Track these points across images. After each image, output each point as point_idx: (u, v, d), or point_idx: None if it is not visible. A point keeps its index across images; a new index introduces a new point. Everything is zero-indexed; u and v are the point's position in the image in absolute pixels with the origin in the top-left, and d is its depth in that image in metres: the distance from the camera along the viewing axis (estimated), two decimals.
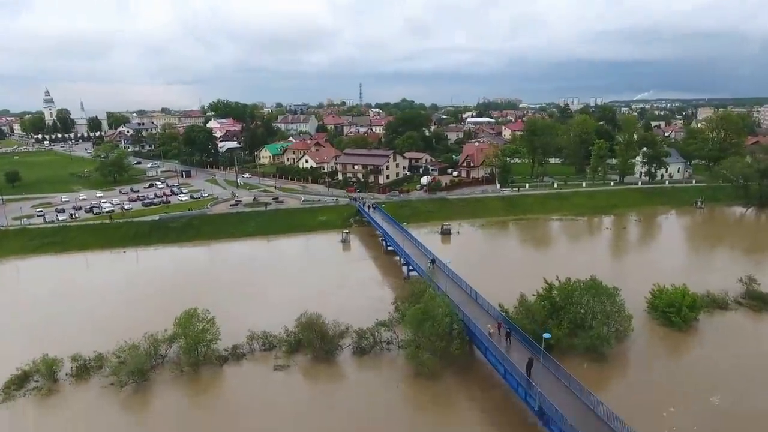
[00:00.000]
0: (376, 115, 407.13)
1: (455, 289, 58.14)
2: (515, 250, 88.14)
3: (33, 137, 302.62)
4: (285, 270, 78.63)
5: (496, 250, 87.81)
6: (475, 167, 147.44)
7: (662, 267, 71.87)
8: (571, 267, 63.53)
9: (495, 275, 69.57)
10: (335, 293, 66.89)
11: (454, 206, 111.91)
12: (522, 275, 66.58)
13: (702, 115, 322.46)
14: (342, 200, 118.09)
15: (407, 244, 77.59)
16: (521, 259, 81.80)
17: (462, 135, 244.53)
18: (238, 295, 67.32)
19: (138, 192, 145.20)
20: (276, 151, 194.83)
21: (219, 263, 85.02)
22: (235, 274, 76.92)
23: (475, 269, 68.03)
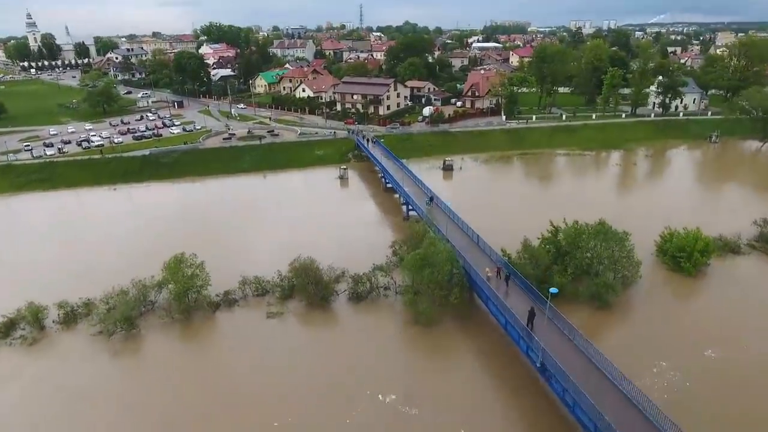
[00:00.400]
0: (378, 39, 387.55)
1: (456, 232, 55.50)
2: (519, 188, 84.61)
3: (19, 65, 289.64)
4: (279, 209, 75.66)
5: (500, 188, 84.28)
6: (480, 97, 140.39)
7: (672, 207, 68.86)
8: (577, 206, 60.87)
9: (498, 216, 66.56)
10: (331, 234, 64.36)
11: (457, 140, 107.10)
12: (526, 216, 63.84)
13: (721, 40, 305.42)
14: (340, 133, 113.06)
15: (407, 182, 74.11)
16: (525, 197, 78.37)
17: (467, 61, 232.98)
18: (232, 237, 65.02)
19: (129, 124, 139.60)
20: (272, 79, 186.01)
21: (212, 201, 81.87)
22: (228, 214, 74.20)
23: (477, 209, 65.04)
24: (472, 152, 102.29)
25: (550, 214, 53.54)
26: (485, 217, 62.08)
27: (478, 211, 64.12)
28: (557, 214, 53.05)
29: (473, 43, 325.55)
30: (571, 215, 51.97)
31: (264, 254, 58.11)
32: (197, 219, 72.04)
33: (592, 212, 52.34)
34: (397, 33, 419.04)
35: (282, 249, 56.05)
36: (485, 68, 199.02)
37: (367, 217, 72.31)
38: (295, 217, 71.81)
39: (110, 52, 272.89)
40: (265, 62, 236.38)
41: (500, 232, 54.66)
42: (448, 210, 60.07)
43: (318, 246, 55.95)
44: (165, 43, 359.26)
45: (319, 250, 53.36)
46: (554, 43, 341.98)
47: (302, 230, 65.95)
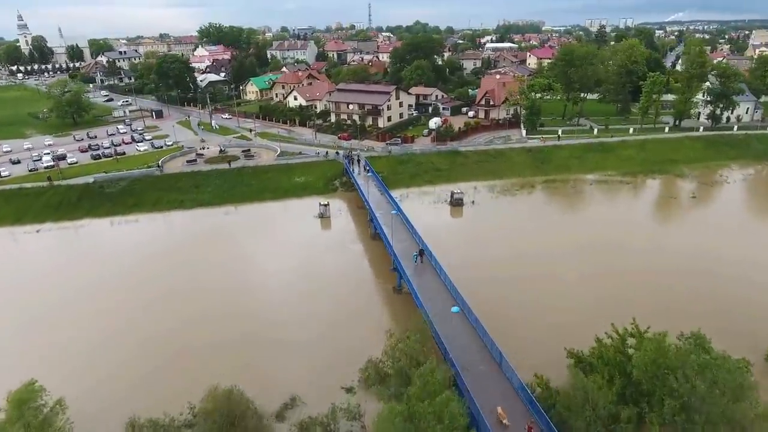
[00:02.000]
0: (386, 40, 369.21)
1: (461, 326, 37.27)
2: (548, 234, 64.13)
3: (7, 69, 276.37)
4: (227, 270, 57.02)
5: (522, 233, 64.03)
6: (495, 106, 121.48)
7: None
8: (633, 266, 42.10)
9: (521, 288, 48.27)
10: (287, 317, 46.52)
11: (468, 162, 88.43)
12: (562, 288, 45.52)
13: (757, 39, 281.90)
14: (330, 151, 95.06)
15: (401, 231, 55.90)
16: (558, 250, 58.28)
17: (480, 63, 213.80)
18: (144, 323, 47.14)
19: (95, 138, 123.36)
20: (264, 85, 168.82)
21: (144, 255, 62.49)
22: (158, 274, 56.42)
23: (491, 270, 47.10)
24: (487, 178, 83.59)
25: (598, 286, 35.18)
26: (502, 287, 43.80)
27: (492, 273, 45.80)
28: (608, 287, 34.74)
29: (486, 43, 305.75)
30: (627, 285, 33.62)
31: (182, 358, 40.22)
32: (111, 288, 53.94)
33: (660, 283, 33.61)
34: (406, 33, 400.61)
35: (209, 349, 38.18)
36: (500, 71, 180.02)
37: (345, 282, 53.82)
38: (243, 283, 53.96)
39: (101, 55, 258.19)
40: (262, 65, 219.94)
41: (524, 322, 36.32)
42: (444, 278, 42.08)
43: (262, 343, 38.02)
44: (163, 45, 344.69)
45: (261, 350, 35.55)
46: (572, 42, 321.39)
47: (247, 309, 48.01)
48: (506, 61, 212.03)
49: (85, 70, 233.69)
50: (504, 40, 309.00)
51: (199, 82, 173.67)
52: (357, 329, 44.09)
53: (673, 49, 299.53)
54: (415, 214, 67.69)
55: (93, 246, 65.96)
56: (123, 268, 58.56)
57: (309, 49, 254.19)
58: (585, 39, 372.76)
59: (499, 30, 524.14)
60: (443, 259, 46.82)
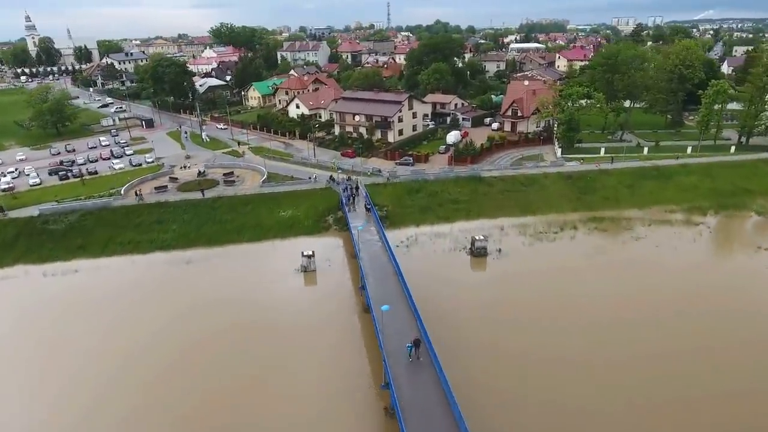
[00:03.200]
0: (404, 40, 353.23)
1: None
2: (609, 307, 46.63)
3: (14, 70, 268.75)
4: (159, 358, 42.35)
5: (571, 308, 46.54)
6: (524, 118, 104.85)
7: None
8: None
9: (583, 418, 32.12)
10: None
11: (493, 192, 72.24)
12: None
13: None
14: (331, 174, 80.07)
15: (399, 304, 40.44)
16: (624, 353, 41.12)
17: (504, 66, 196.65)
18: None
19: (74, 152, 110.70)
20: (266, 90, 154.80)
21: (71, 317, 48.94)
22: (67, 354, 42.06)
23: (529, 384, 31.67)
24: (517, 214, 67.32)
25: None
26: (546, 405, 28.10)
27: (527, 375, 30.59)
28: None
29: (510, 43, 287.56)
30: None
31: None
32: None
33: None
34: (425, 33, 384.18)
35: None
36: (527, 74, 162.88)
37: (316, 395, 37.88)
38: (179, 384, 39.00)
39: (105, 57, 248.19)
40: (270, 68, 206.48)
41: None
42: (449, 393, 27.06)
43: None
44: (173, 46, 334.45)
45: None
46: (602, 41, 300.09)
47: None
48: (533, 63, 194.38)
49: (87, 73, 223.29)
50: (529, 39, 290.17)
51: (199, 86, 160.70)
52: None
53: (711, 48, 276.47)
54: (424, 269, 52.36)
55: (7, 308, 51.65)
56: (30, 344, 44.41)
57: (321, 50, 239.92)
58: (615, 39, 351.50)
59: (522, 29, 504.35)
60: (456, 348, 31.63)
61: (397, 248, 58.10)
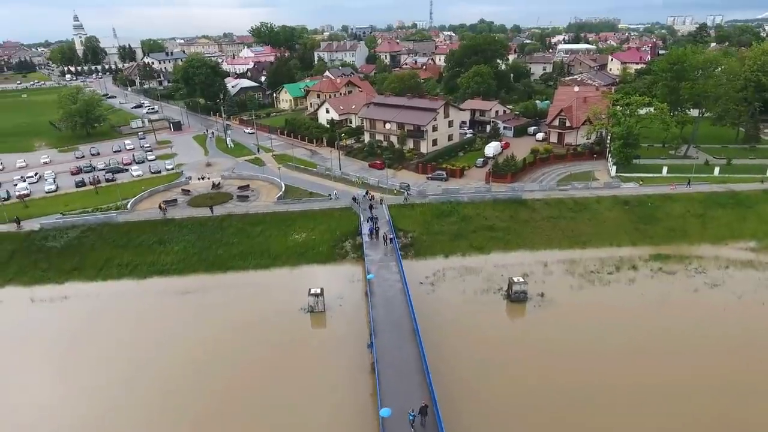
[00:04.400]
0: (446, 39, 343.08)
1: None
2: (675, 390, 36.24)
3: (61, 69, 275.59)
4: (134, 404, 36.11)
5: (628, 390, 36.41)
6: (573, 129, 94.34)
7: None
8: None
9: None
10: None
11: (536, 218, 62.84)
12: None
13: None
14: (347, 189, 72.81)
15: (410, 366, 32.54)
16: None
17: (551, 68, 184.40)
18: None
19: (98, 156, 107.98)
20: (298, 92, 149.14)
21: (45, 351, 43.87)
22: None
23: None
24: (563, 246, 57.85)
25: None
26: None
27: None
28: None
29: (558, 44, 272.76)
30: None
31: None
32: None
33: None
34: (468, 32, 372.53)
35: None
36: (576, 78, 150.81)
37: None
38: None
39: (145, 57, 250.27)
40: (305, 68, 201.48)
41: None
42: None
43: None
44: (214, 46, 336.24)
45: None
46: (657, 42, 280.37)
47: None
48: (582, 65, 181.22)
49: (127, 73, 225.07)
50: (579, 40, 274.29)
51: (231, 87, 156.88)
52: None
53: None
54: (449, 317, 44.08)
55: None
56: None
57: (359, 50, 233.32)
58: (671, 39, 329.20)
59: (570, 28, 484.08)
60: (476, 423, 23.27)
61: (421, 286, 50.18)
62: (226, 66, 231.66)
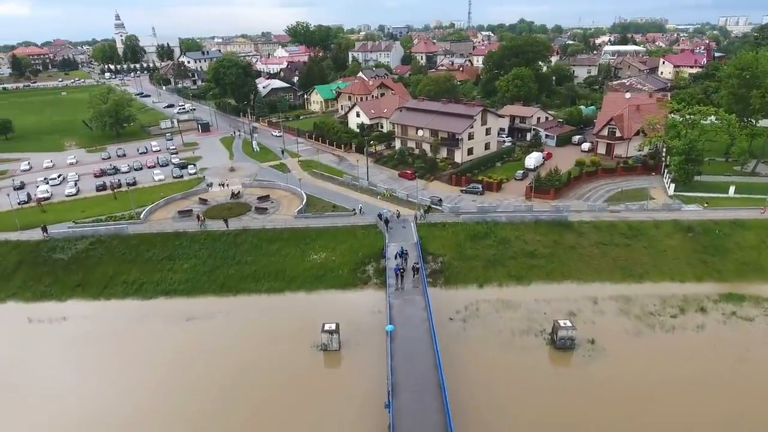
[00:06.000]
0: (484, 40, 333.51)
1: None
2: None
3: (102, 67, 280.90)
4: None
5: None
6: (623, 140, 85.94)
7: None
8: None
9: None
10: None
11: (583, 244, 55.57)
12: None
13: None
14: (374, 203, 67.26)
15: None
16: None
17: (596, 71, 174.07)
18: None
19: (123, 156, 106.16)
20: (329, 94, 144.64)
21: (33, 379, 40.26)
22: None
23: None
24: (616, 279, 50.53)
25: None
26: None
27: None
28: None
29: (603, 45, 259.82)
30: None
31: None
32: None
33: None
34: (507, 32, 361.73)
35: None
36: (625, 82, 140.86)
37: None
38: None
39: (182, 56, 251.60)
40: (339, 69, 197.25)
41: None
42: None
43: None
44: (249, 45, 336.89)
45: None
46: (710, 43, 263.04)
47: None
48: (631, 68, 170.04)
49: (163, 72, 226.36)
50: (626, 41, 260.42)
51: (262, 88, 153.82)
52: None
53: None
54: (481, 365, 37.84)
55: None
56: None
57: (394, 50, 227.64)
58: (725, 41, 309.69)
59: (615, 28, 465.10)
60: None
61: (450, 323, 44.01)
62: (260, 66, 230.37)
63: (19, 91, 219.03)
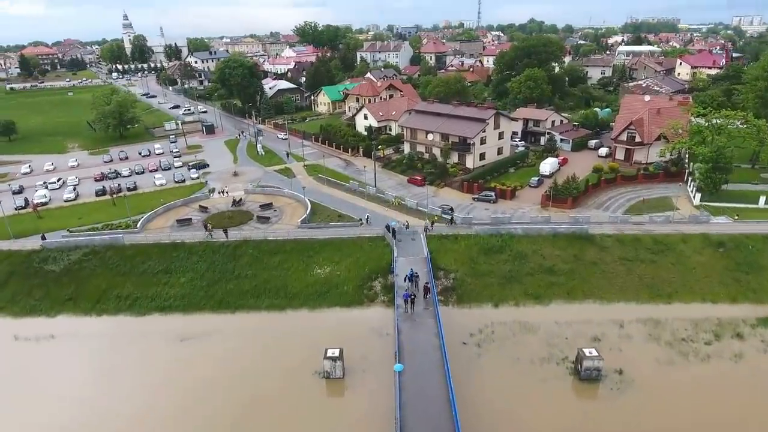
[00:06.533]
0: (494, 40, 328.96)
1: None
2: None
3: (109, 67, 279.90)
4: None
5: None
6: (643, 145, 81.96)
7: None
8: None
9: None
10: None
11: (605, 260, 51.90)
12: None
13: None
14: (382, 212, 64.01)
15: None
16: None
17: (610, 71, 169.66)
18: None
19: (126, 160, 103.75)
20: (336, 95, 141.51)
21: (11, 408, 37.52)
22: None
23: None
24: (642, 299, 46.85)
25: None
26: None
27: None
28: None
29: (617, 45, 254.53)
30: None
31: None
32: None
33: None
34: (518, 32, 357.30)
35: None
36: (641, 83, 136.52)
37: None
38: None
39: (189, 56, 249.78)
40: (347, 70, 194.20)
41: None
42: None
43: None
44: (257, 45, 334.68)
45: None
46: (725, 43, 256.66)
47: None
48: (647, 69, 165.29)
49: (170, 72, 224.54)
50: (640, 41, 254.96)
51: (268, 89, 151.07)
52: None
53: None
54: (499, 399, 34.39)
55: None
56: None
57: (403, 51, 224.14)
58: (741, 41, 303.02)
59: (627, 28, 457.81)
60: None
61: (464, 348, 40.60)
62: (267, 66, 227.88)
63: (26, 91, 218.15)
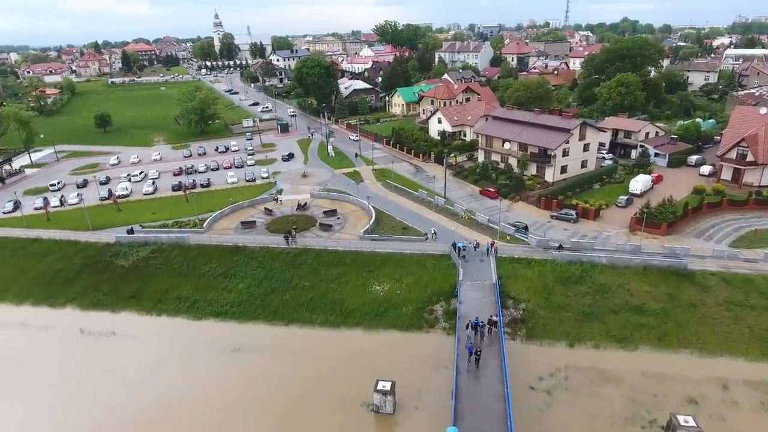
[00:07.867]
0: (582, 40, 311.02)
1: None
2: None
3: (199, 64, 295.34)
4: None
5: None
6: (757, 165, 71.48)
7: None
8: None
9: None
10: None
11: (707, 302, 44.64)
12: None
13: None
14: (451, 227, 60.00)
15: None
16: None
17: (715, 77, 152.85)
18: None
19: (204, 155, 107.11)
20: (411, 97, 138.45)
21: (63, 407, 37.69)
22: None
23: None
24: (752, 354, 39.55)
25: None
26: None
27: None
28: None
29: (724, 48, 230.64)
30: None
31: None
32: None
33: None
34: (608, 32, 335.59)
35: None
36: (754, 92, 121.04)
37: None
38: None
39: (272, 54, 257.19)
40: (424, 70, 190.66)
41: None
42: None
43: None
44: (337, 44, 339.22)
45: None
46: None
47: None
48: (760, 76, 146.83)
49: (253, 69, 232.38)
50: (753, 44, 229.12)
51: (344, 89, 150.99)
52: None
53: None
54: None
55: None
56: None
57: (483, 51, 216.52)
58: None
59: (735, 29, 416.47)
60: None
61: (531, 393, 35.97)
62: (345, 65, 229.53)
63: (125, 85, 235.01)
